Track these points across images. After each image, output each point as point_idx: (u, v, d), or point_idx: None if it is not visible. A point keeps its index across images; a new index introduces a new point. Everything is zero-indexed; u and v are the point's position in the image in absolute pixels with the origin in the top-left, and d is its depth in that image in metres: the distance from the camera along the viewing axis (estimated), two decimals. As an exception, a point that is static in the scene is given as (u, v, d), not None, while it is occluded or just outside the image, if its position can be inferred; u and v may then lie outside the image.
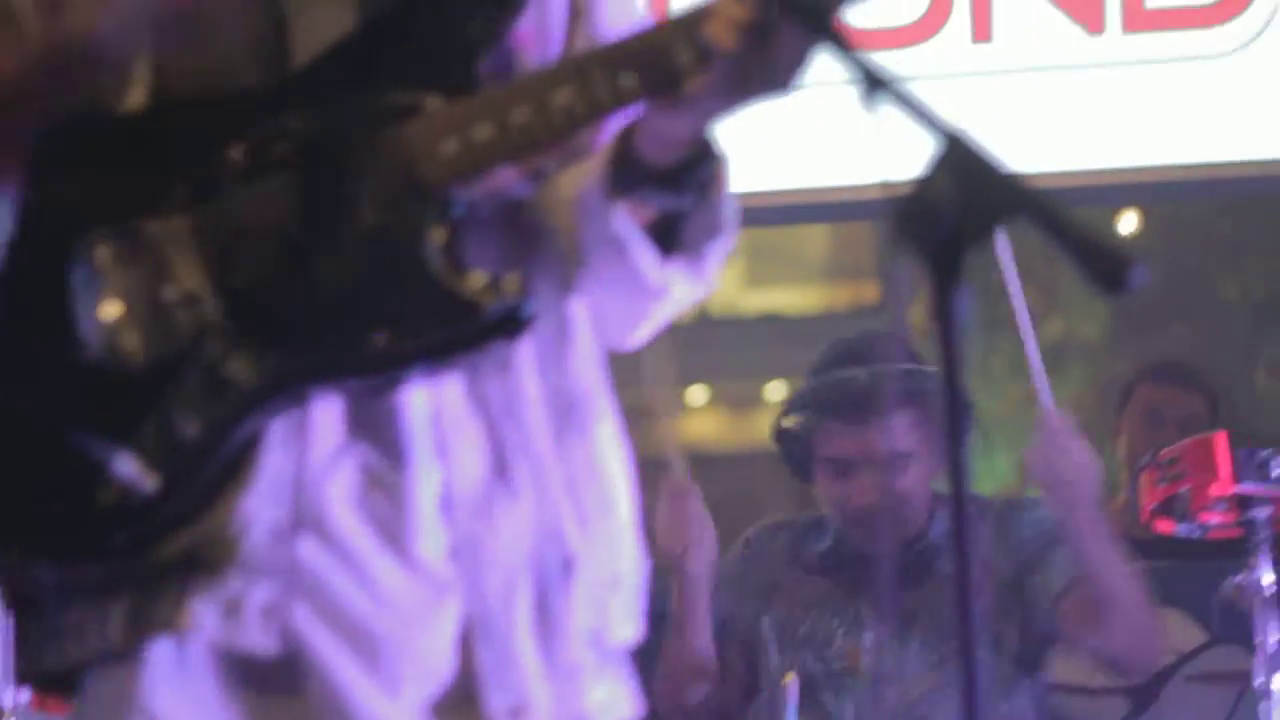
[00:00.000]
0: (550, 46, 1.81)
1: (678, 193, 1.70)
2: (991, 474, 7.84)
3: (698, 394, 9.33)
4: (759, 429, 3.81)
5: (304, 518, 1.67)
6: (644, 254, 1.71)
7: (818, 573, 3.54)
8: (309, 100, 1.70)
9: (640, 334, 1.84)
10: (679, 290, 1.76)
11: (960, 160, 1.36)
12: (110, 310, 1.67)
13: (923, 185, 1.36)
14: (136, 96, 1.73)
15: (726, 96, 1.63)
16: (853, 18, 1.62)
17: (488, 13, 1.71)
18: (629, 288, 1.74)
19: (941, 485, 3.52)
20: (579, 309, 1.79)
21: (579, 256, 1.73)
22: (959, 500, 1.39)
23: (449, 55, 1.70)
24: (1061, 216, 1.34)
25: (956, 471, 1.48)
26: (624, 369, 1.92)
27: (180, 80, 1.73)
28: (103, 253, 1.68)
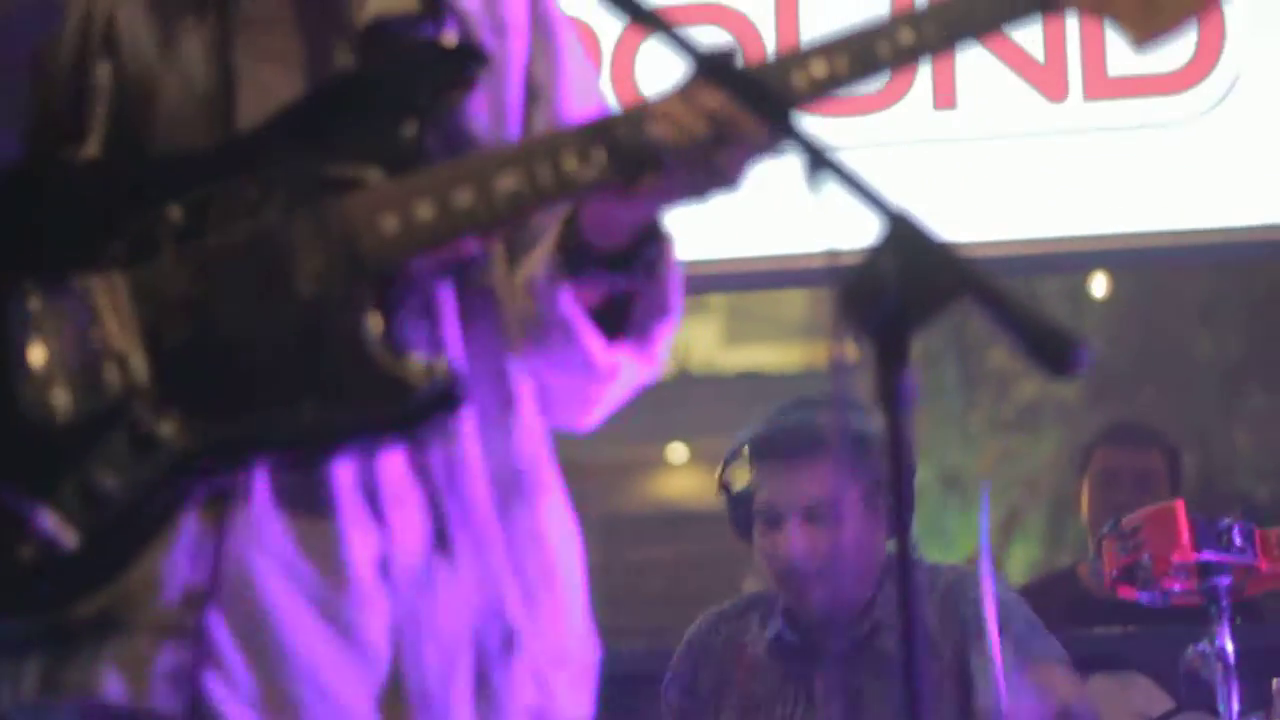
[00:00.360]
0: (508, 127, 1.80)
1: (625, 274, 1.71)
2: (969, 531, 7.80)
3: (677, 452, 9.30)
4: (739, 487, 3.76)
5: (223, 583, 1.66)
6: (591, 337, 1.72)
7: (766, 661, 3.40)
8: (252, 165, 1.69)
9: (594, 416, 1.83)
10: (628, 371, 1.76)
11: (905, 240, 1.36)
12: (38, 363, 1.65)
13: (867, 265, 1.36)
14: (92, 145, 1.72)
15: (674, 192, 1.64)
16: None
17: (435, 87, 1.71)
18: (577, 370, 1.74)
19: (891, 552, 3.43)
20: (525, 383, 1.78)
21: (529, 337, 1.73)
22: (904, 578, 1.40)
23: (395, 127, 1.69)
24: (1006, 297, 1.34)
25: (902, 555, 1.49)
26: (606, 428, 1.90)
27: (134, 134, 1.72)
28: (35, 304, 1.67)
